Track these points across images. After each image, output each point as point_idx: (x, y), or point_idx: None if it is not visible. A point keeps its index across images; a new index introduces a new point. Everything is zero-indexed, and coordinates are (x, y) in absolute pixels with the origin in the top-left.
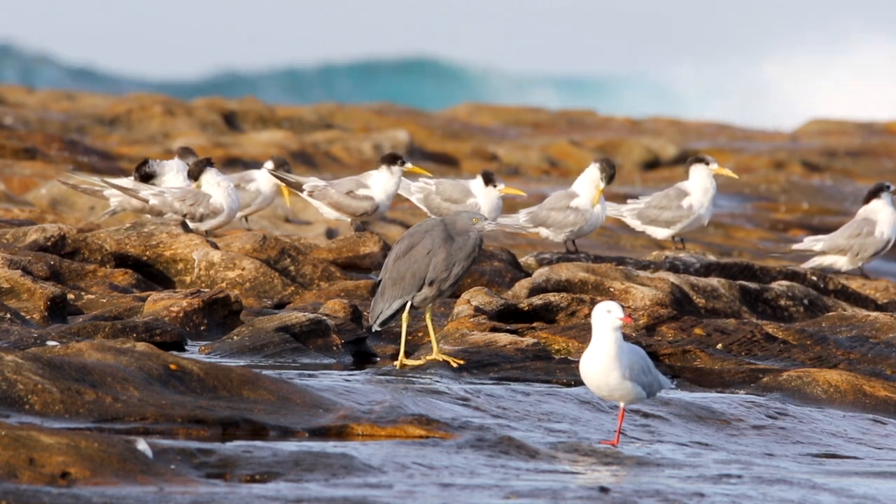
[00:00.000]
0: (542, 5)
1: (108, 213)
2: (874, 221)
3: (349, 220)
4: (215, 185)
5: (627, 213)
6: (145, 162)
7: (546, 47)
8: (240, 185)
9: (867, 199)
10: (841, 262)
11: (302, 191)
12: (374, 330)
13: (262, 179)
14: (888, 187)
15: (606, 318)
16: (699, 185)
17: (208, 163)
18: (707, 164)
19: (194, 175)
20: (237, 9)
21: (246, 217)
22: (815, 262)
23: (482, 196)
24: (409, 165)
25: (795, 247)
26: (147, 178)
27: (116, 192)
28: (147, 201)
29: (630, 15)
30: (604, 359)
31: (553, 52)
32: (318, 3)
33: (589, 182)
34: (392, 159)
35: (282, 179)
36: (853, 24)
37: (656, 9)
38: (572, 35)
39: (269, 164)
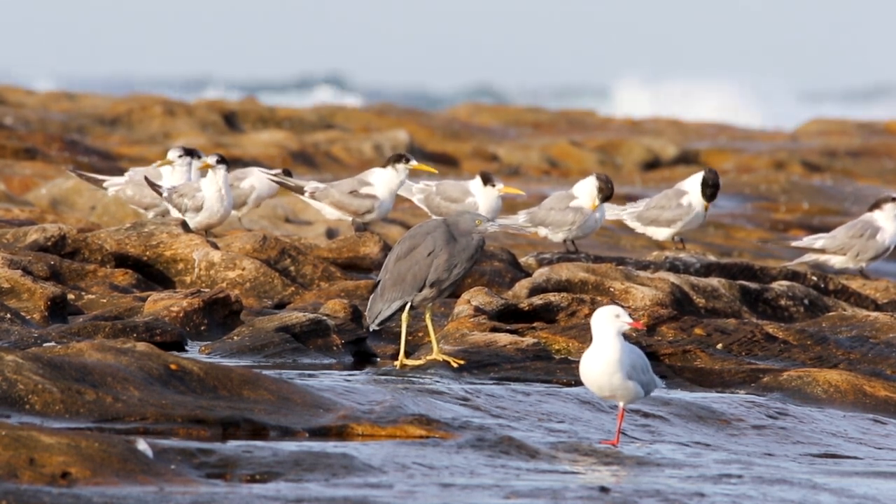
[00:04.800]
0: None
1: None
2: (878, 227)
3: (350, 219)
4: (215, 188)
5: (627, 216)
6: (192, 151)
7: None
8: (233, 184)
9: (872, 209)
10: (836, 260)
11: (303, 194)
12: (371, 329)
13: (257, 175)
14: (894, 199)
15: (614, 323)
16: (698, 183)
17: (192, 155)
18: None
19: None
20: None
21: (240, 218)
22: (811, 258)
23: (481, 196)
24: (413, 163)
25: (795, 244)
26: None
27: (115, 184)
28: (160, 194)
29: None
30: (608, 360)
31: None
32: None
33: (587, 192)
34: (398, 158)
35: (281, 183)
36: None
37: None
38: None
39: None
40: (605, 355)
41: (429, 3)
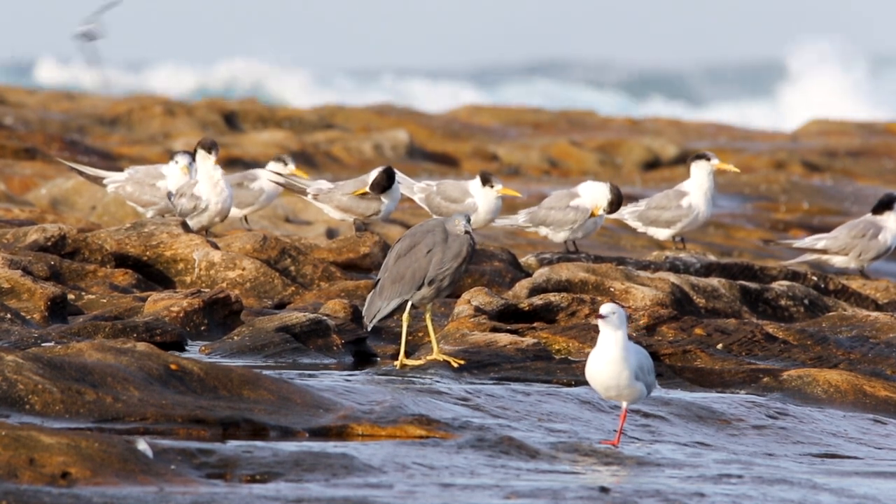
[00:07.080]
0: None
1: (154, 210)
2: (881, 227)
3: (353, 219)
4: (210, 182)
5: (629, 215)
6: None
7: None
8: (242, 184)
9: (876, 210)
10: (837, 259)
11: (306, 195)
12: (368, 328)
13: (265, 178)
14: None
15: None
16: (698, 182)
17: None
18: (708, 160)
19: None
20: None
21: (245, 217)
22: (813, 257)
23: (480, 196)
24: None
25: (797, 244)
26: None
27: (115, 181)
28: (166, 200)
29: None
30: (614, 360)
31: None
32: None
33: (595, 195)
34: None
35: (285, 185)
36: None
37: None
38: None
39: (272, 165)
40: (610, 354)
41: None
